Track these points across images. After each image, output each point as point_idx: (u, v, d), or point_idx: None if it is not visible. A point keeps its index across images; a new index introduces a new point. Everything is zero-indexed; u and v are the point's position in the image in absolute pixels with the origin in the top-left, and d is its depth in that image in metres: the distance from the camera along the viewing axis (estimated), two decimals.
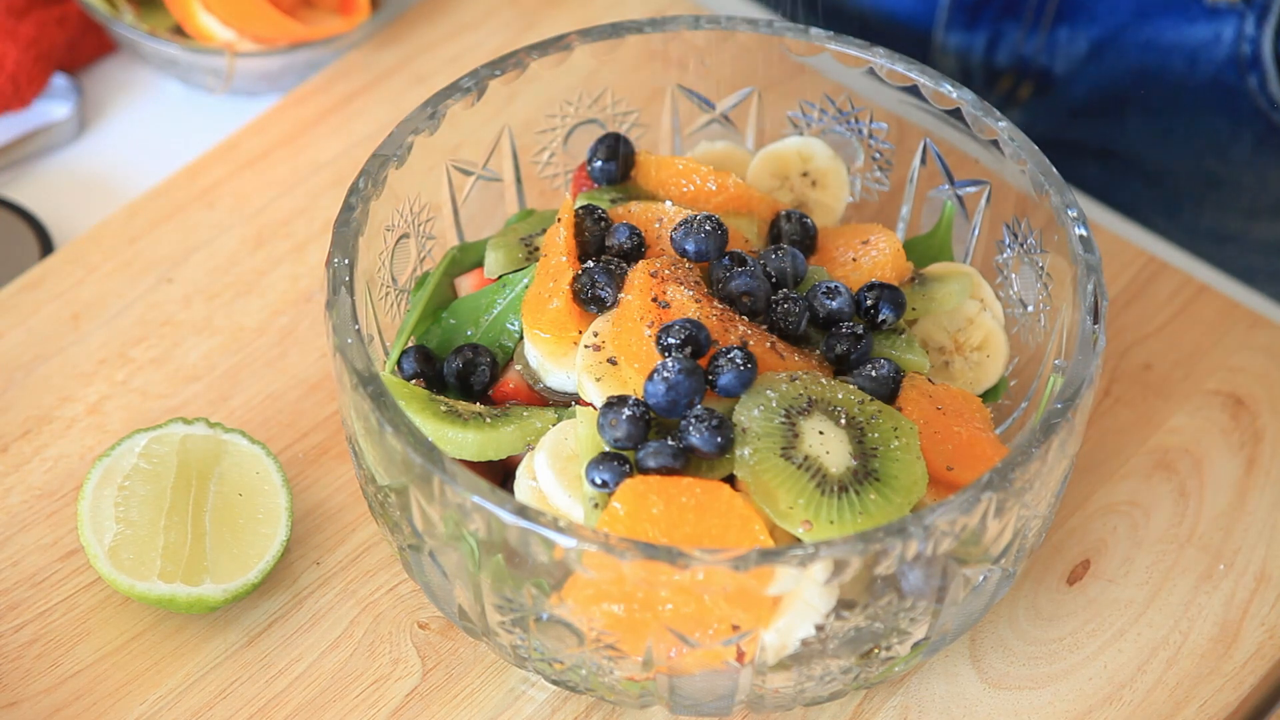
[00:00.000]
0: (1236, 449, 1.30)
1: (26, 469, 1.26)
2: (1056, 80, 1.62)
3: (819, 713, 1.17)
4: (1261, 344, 1.36)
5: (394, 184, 1.17)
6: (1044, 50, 1.62)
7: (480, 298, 1.20)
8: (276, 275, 1.39)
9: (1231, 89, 1.57)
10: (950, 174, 1.26)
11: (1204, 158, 1.63)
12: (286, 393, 1.31)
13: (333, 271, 1.11)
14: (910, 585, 1.05)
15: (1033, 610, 1.22)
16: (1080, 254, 1.13)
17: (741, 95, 1.32)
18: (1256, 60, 1.55)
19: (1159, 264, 1.41)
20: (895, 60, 1.23)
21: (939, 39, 1.63)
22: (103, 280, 1.37)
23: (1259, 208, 1.61)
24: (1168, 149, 1.63)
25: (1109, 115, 1.61)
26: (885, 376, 1.11)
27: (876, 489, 1.05)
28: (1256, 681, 1.19)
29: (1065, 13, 1.60)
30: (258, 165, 1.46)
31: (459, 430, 1.10)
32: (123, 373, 1.32)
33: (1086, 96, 1.62)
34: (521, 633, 1.07)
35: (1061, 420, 1.06)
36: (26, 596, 1.20)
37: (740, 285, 1.12)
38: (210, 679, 1.17)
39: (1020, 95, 1.65)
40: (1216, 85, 1.58)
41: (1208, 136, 1.61)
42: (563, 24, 1.55)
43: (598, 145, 1.25)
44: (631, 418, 1.05)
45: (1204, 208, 1.51)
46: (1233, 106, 1.58)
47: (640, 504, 1.02)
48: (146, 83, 1.55)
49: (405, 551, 1.11)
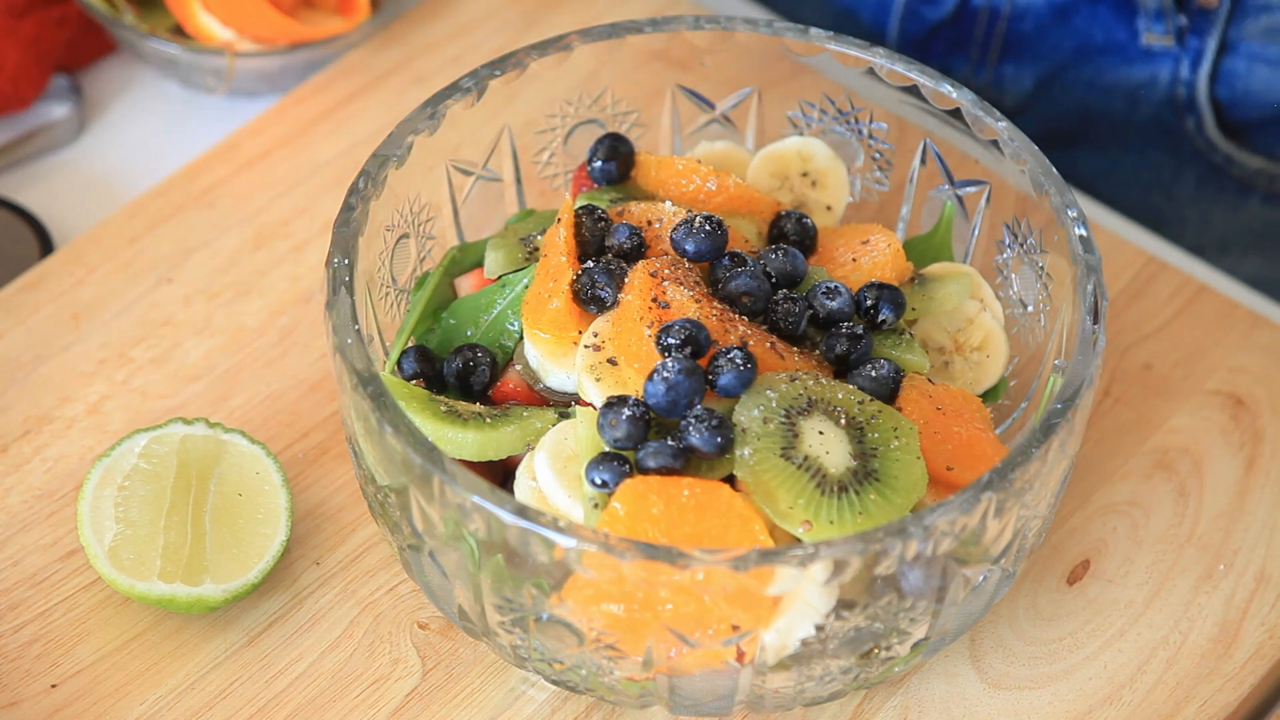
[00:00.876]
0: (1236, 449, 1.31)
1: (26, 469, 1.26)
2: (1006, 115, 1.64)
3: (819, 713, 1.17)
4: (1261, 344, 1.36)
5: (394, 184, 1.17)
6: (991, 85, 1.64)
7: (480, 298, 1.20)
8: (276, 275, 1.39)
9: (1171, 129, 1.59)
10: (950, 174, 1.26)
11: (1150, 194, 1.64)
12: (286, 393, 1.31)
13: (333, 271, 1.11)
14: (910, 585, 1.05)
15: (1033, 610, 1.22)
16: (1080, 254, 1.13)
17: (741, 95, 1.32)
18: (1192, 103, 1.56)
19: (1159, 264, 1.41)
20: (895, 60, 1.23)
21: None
22: (103, 280, 1.37)
23: (1204, 245, 1.61)
24: (1115, 184, 1.64)
25: (1059, 149, 1.62)
26: (885, 376, 1.11)
27: (876, 489, 1.05)
28: (1256, 682, 1.19)
29: (1010, 49, 1.61)
30: (258, 165, 1.46)
31: (459, 430, 1.10)
32: (123, 373, 1.32)
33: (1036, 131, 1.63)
34: (521, 633, 1.07)
35: (1061, 420, 1.06)
36: (26, 596, 1.20)
37: (740, 285, 1.12)
38: (210, 679, 1.17)
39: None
40: (1157, 125, 1.59)
41: (1152, 173, 1.63)
42: (563, 24, 1.55)
43: (598, 145, 1.25)
44: (631, 418, 1.05)
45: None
46: (1175, 146, 1.60)
47: (640, 504, 1.02)
48: (146, 83, 1.55)
49: (405, 551, 1.11)
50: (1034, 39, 1.60)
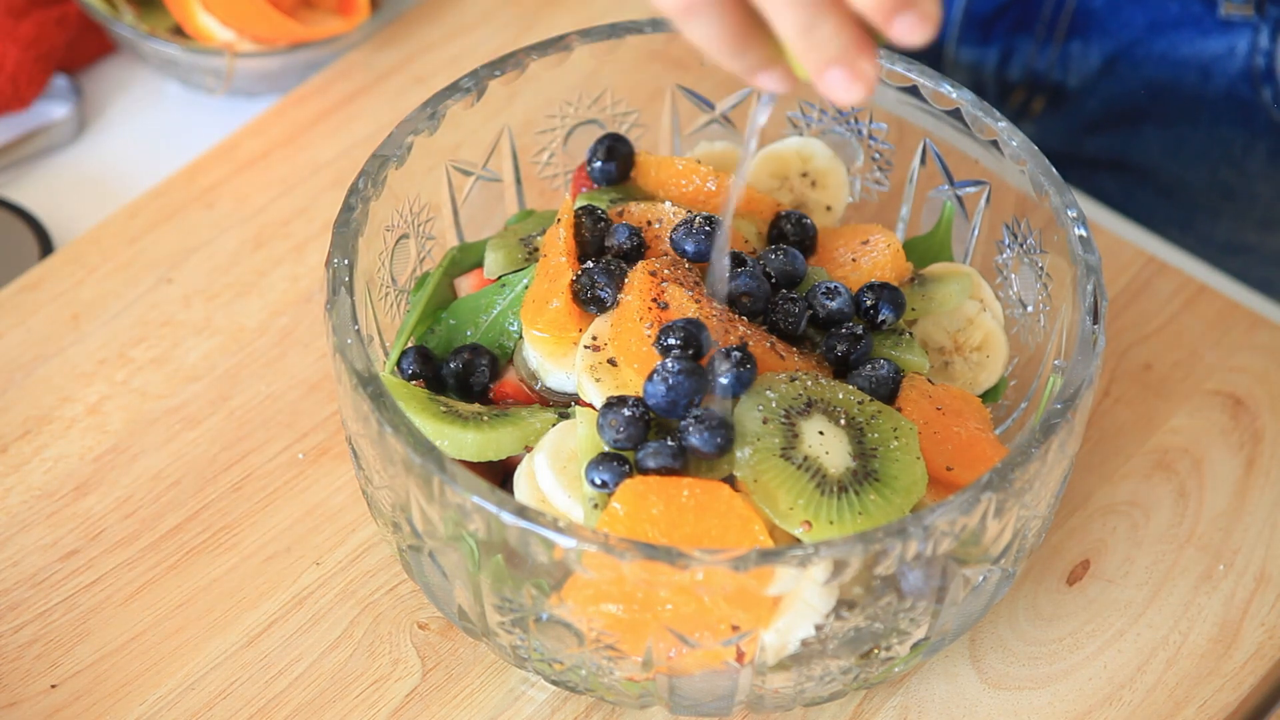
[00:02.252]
0: (1236, 449, 1.31)
1: (26, 469, 1.26)
2: (1070, 94, 1.62)
3: (819, 713, 1.17)
4: (1261, 344, 1.36)
5: (394, 184, 1.17)
6: (1057, 65, 1.62)
7: (480, 298, 1.20)
8: (276, 275, 1.39)
9: (1246, 102, 1.57)
10: (950, 174, 1.26)
11: (1218, 170, 1.63)
12: (286, 393, 1.31)
13: (332, 272, 1.11)
14: (910, 585, 1.05)
15: (1033, 610, 1.22)
16: (1080, 254, 1.13)
17: (741, 95, 1.32)
18: (1270, 73, 1.54)
19: (1159, 264, 1.41)
20: (895, 60, 1.23)
21: (951, 53, 1.64)
22: (103, 280, 1.37)
23: (1273, 219, 1.60)
24: (1182, 161, 1.62)
25: (1123, 128, 1.61)
26: (885, 377, 1.11)
27: (876, 489, 1.05)
28: (1256, 682, 1.19)
29: (1078, 27, 1.60)
30: (257, 165, 1.46)
31: (459, 430, 1.10)
32: (123, 373, 1.32)
33: (1100, 110, 1.62)
34: (521, 633, 1.07)
35: (1061, 420, 1.05)
36: (26, 596, 1.20)
37: (740, 285, 1.12)
38: (210, 679, 1.17)
39: (1033, 109, 1.65)
40: (1230, 98, 1.58)
41: (1222, 149, 1.61)
42: (563, 24, 1.55)
43: (597, 145, 1.25)
44: (631, 418, 1.05)
45: (1219, 220, 1.51)
46: (1247, 119, 1.58)
47: (640, 504, 1.02)
48: (146, 83, 1.55)
49: (405, 551, 1.11)
50: (1104, 15, 1.58)
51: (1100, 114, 1.64)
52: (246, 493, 1.26)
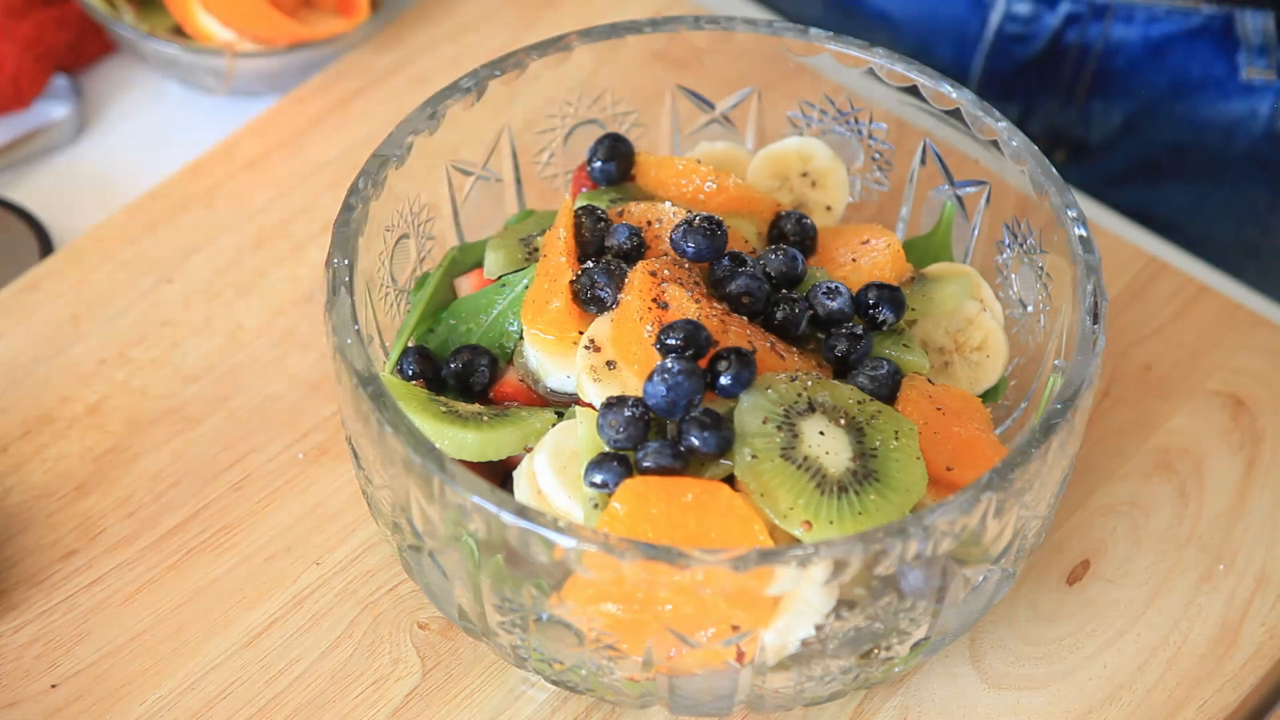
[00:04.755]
0: (1236, 449, 1.30)
1: (26, 469, 1.26)
2: (1092, 149, 1.62)
3: (819, 713, 1.17)
4: (1261, 344, 1.36)
5: (394, 184, 1.17)
6: (1078, 122, 1.62)
7: (480, 298, 1.20)
8: (276, 275, 1.39)
9: (1268, 161, 1.57)
10: (950, 174, 1.26)
11: (1243, 227, 1.63)
12: (286, 393, 1.31)
13: (332, 272, 1.11)
14: (910, 585, 1.05)
15: (1033, 610, 1.22)
16: (1080, 254, 1.13)
17: (741, 95, 1.32)
18: None
19: (1159, 264, 1.41)
20: (895, 60, 1.23)
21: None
22: (103, 280, 1.37)
23: None
24: (1206, 217, 1.63)
25: (1146, 183, 1.61)
26: (885, 377, 1.11)
27: (876, 489, 1.05)
28: (1256, 682, 1.19)
29: (1099, 87, 1.60)
30: (258, 165, 1.46)
31: (459, 430, 1.10)
32: (123, 373, 1.32)
33: (1122, 165, 1.62)
34: (521, 633, 1.07)
35: (1061, 420, 1.05)
36: (26, 597, 1.20)
37: (740, 285, 1.12)
38: (210, 679, 1.17)
39: (1055, 160, 1.65)
40: (1253, 158, 1.58)
41: (1246, 206, 1.62)
42: (563, 24, 1.55)
43: (597, 145, 1.25)
44: (631, 418, 1.05)
45: (1244, 275, 1.52)
46: (1271, 178, 1.58)
47: (640, 504, 1.02)
48: (146, 83, 1.55)
49: (405, 552, 1.11)
50: (1126, 75, 1.58)
51: (1123, 169, 1.64)
52: (246, 493, 1.26)
